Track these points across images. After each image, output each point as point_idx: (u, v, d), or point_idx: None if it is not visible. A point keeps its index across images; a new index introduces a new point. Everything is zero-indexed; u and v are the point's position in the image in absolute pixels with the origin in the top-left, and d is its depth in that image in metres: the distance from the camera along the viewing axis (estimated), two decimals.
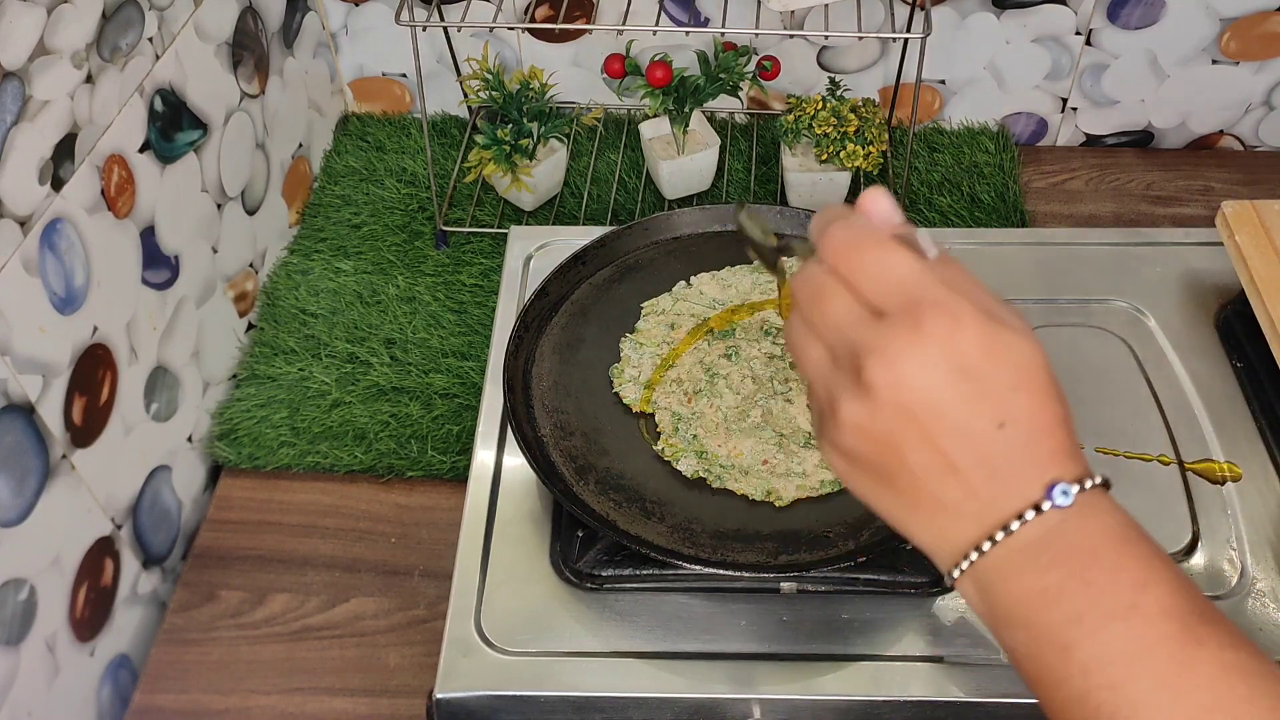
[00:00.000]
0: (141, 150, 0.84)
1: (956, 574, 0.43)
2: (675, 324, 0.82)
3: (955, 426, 0.41)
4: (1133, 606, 0.39)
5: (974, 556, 0.42)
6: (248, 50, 1.01)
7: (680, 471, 0.73)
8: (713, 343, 0.80)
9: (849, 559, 0.68)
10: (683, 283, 0.85)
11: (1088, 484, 0.42)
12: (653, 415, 0.77)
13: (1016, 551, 0.42)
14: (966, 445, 0.42)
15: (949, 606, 0.70)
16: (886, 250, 0.44)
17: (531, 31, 1.18)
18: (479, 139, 1.06)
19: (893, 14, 1.11)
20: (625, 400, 0.78)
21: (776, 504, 0.72)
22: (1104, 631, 0.39)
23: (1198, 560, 0.72)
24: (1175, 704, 0.39)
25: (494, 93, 1.07)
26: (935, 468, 0.42)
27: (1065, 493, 0.41)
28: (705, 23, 1.15)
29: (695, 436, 0.75)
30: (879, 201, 0.46)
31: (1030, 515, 0.41)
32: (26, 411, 0.72)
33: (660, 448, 0.75)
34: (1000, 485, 0.42)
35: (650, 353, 0.80)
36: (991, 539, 0.42)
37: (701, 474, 0.73)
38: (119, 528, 0.82)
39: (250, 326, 1.04)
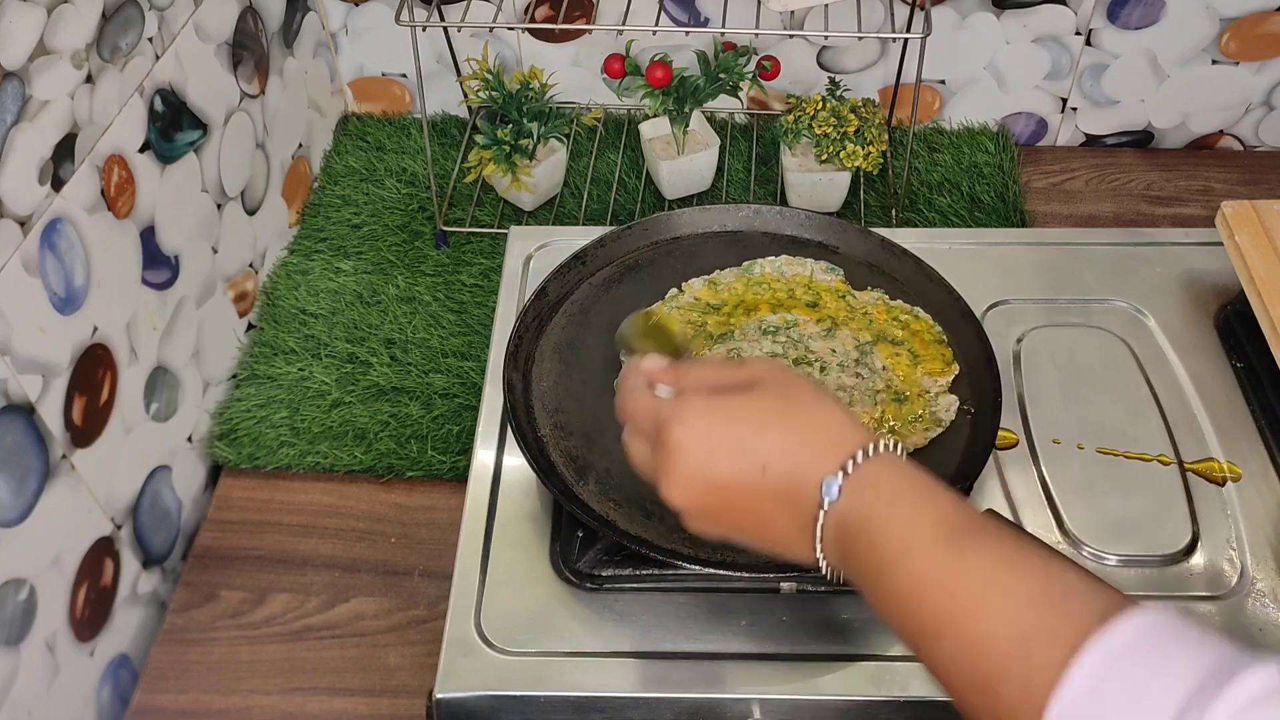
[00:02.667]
0: (141, 150, 0.84)
1: (825, 570, 0.54)
2: None
3: (738, 488, 0.54)
4: (906, 549, 0.49)
5: (820, 558, 0.54)
6: (248, 50, 1.01)
7: None
8: (713, 347, 0.80)
9: None
10: (674, 289, 0.85)
11: (850, 468, 0.52)
12: None
13: (833, 544, 0.53)
14: (754, 497, 0.54)
15: None
16: (637, 398, 0.59)
17: (531, 31, 1.18)
18: (479, 139, 1.06)
19: (893, 14, 1.11)
20: None
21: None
22: (894, 574, 0.50)
23: (1198, 560, 0.72)
24: (952, 604, 0.47)
25: (494, 93, 1.07)
26: (753, 523, 0.55)
27: (830, 486, 0.52)
28: (705, 23, 1.15)
29: None
30: (645, 361, 0.60)
31: (822, 516, 0.52)
32: (26, 411, 0.72)
33: None
34: (794, 505, 0.53)
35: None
36: (816, 544, 0.53)
37: None
38: (119, 528, 0.82)
39: (250, 326, 1.04)
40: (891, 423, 0.75)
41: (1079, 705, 0.41)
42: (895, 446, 0.54)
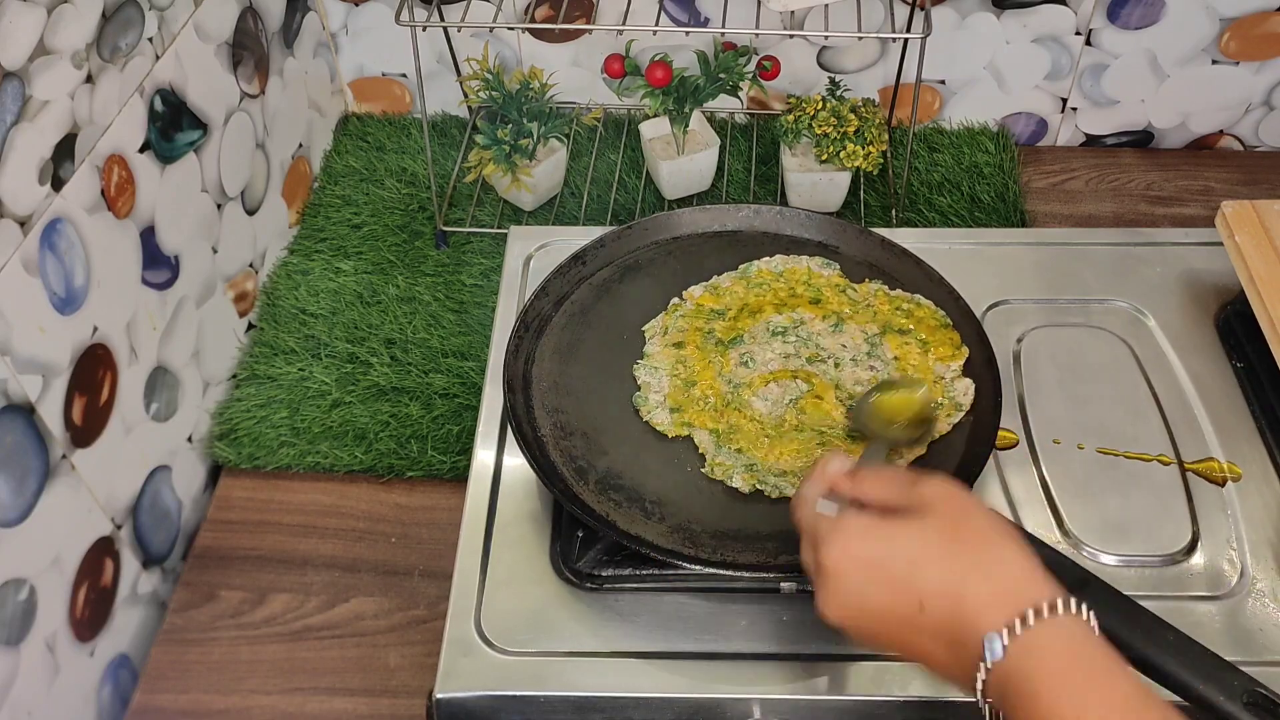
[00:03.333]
0: (141, 150, 0.84)
1: (987, 713, 0.51)
2: (681, 341, 0.81)
3: (892, 619, 0.53)
4: None
5: (982, 703, 0.50)
6: (248, 50, 1.01)
7: (737, 489, 0.72)
8: (725, 353, 0.80)
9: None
10: (676, 298, 0.85)
11: (1018, 626, 0.48)
12: (690, 438, 0.76)
13: (997, 694, 0.49)
14: (910, 630, 0.52)
15: None
16: (804, 509, 0.59)
17: (531, 31, 1.18)
18: (479, 139, 1.06)
19: (893, 14, 1.11)
20: (658, 427, 0.76)
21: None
22: None
23: (1198, 560, 0.72)
24: None
25: (494, 93, 1.07)
26: (911, 652, 0.54)
27: (991, 644, 0.49)
28: (705, 23, 1.15)
29: (740, 450, 0.74)
30: (830, 465, 0.60)
31: (982, 673, 0.49)
32: (26, 411, 0.72)
33: (708, 469, 0.74)
34: (954, 648, 0.51)
35: (666, 374, 0.79)
36: (978, 689, 0.50)
37: (757, 486, 0.72)
38: (119, 528, 0.82)
39: (250, 326, 1.04)
40: None
41: None
42: (1078, 607, 0.50)
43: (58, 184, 0.75)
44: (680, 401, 0.77)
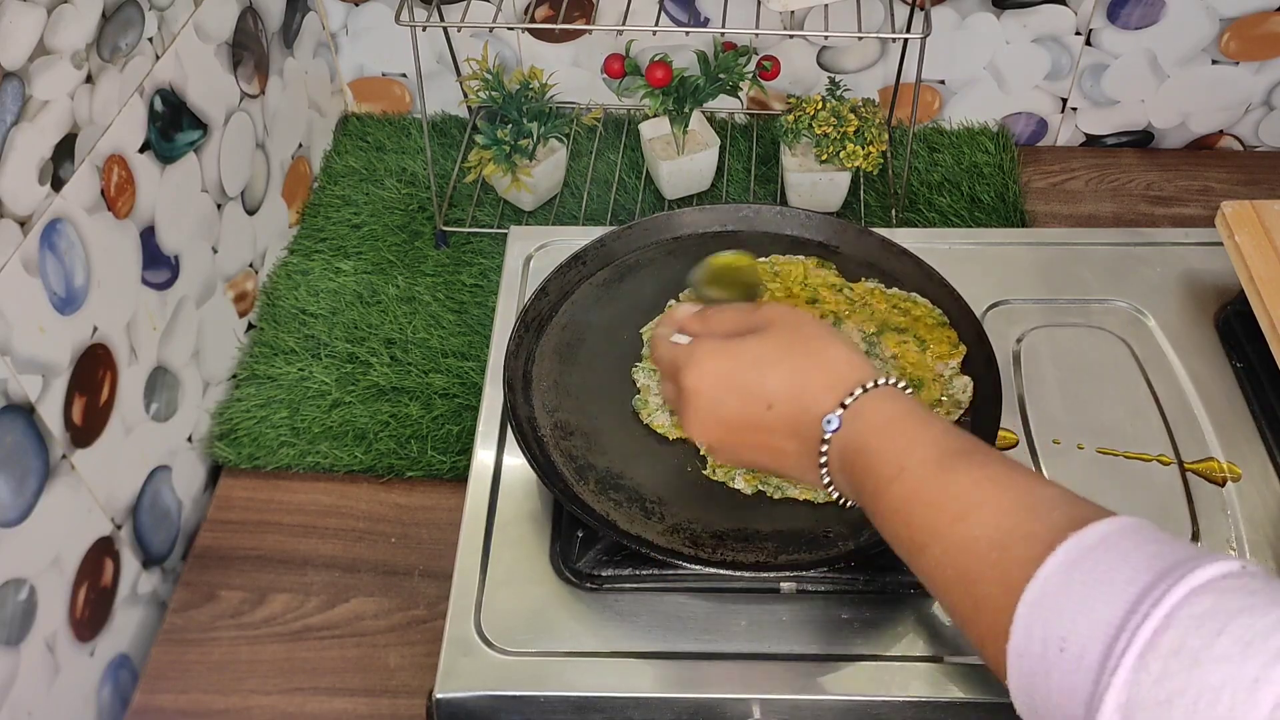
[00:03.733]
0: (141, 150, 0.84)
1: (835, 496, 0.60)
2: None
3: (747, 424, 0.59)
4: (900, 469, 0.53)
5: (827, 484, 0.58)
6: (248, 50, 1.01)
7: (739, 490, 0.72)
8: None
9: (849, 559, 0.68)
10: (673, 300, 0.85)
11: (848, 401, 0.56)
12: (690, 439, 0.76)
13: (838, 471, 0.57)
14: (764, 432, 0.59)
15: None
16: (661, 346, 0.65)
17: (531, 31, 1.18)
18: (479, 139, 1.06)
19: (892, 14, 1.11)
20: (659, 430, 0.76)
21: (846, 504, 0.71)
22: (889, 493, 0.53)
23: None
24: (939, 516, 0.51)
25: (494, 93, 1.07)
26: (768, 455, 0.60)
27: (830, 421, 0.56)
28: (705, 23, 1.15)
29: None
30: (679, 309, 0.66)
31: (825, 448, 0.57)
32: (26, 411, 0.72)
33: (709, 471, 0.74)
34: (800, 439, 0.58)
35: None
36: (822, 472, 0.58)
37: (760, 487, 0.72)
38: (119, 528, 0.82)
39: (250, 326, 1.04)
40: None
41: (1051, 590, 0.44)
42: (895, 382, 0.57)
43: (58, 184, 0.75)
44: None
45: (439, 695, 0.67)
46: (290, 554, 0.88)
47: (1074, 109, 1.20)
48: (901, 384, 0.58)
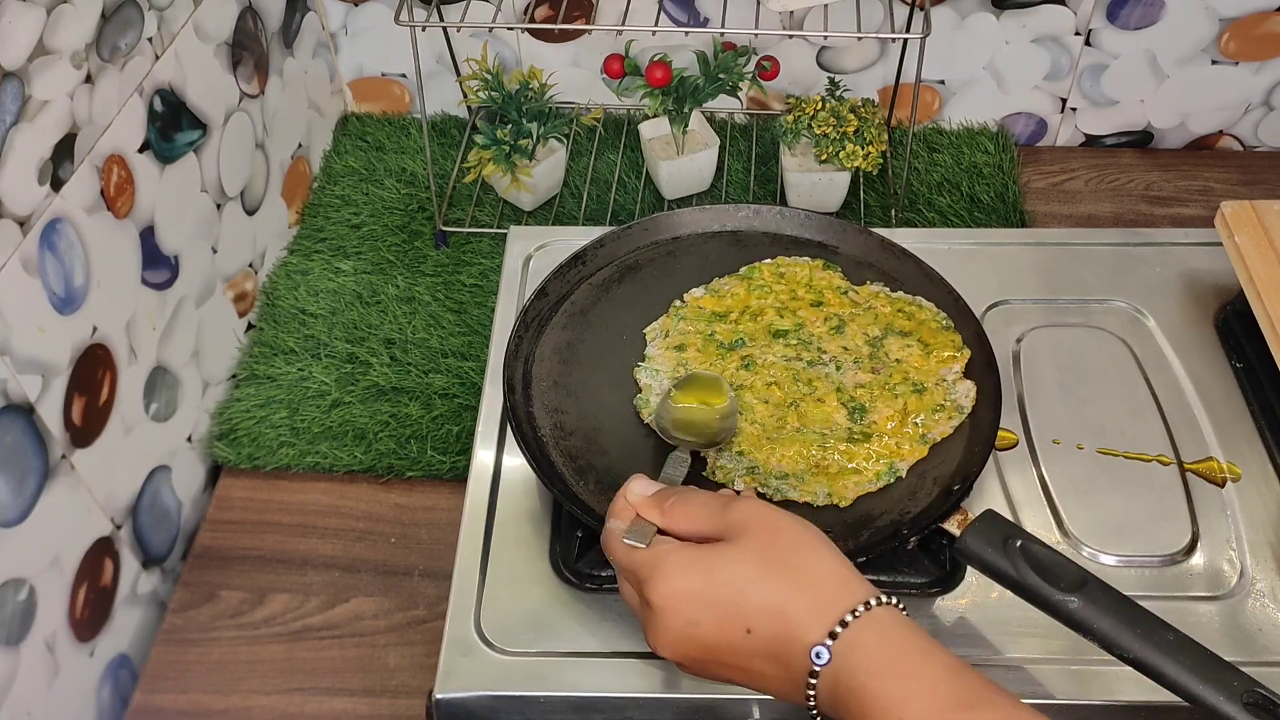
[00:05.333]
0: (141, 150, 0.84)
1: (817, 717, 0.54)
2: (683, 344, 0.81)
3: (724, 648, 0.54)
4: None
5: (814, 713, 0.53)
6: (247, 50, 1.01)
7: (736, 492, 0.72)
8: (726, 356, 0.80)
9: (848, 559, 0.68)
10: (677, 301, 0.85)
11: (839, 630, 0.51)
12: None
13: (827, 705, 0.52)
14: (742, 655, 0.54)
15: (949, 607, 0.70)
16: (615, 547, 0.59)
17: (531, 31, 1.18)
18: (478, 139, 1.06)
19: (892, 14, 1.11)
20: (660, 430, 0.76)
21: (840, 504, 0.71)
22: None
23: (1197, 561, 0.72)
24: None
25: (493, 93, 1.07)
26: (744, 677, 0.55)
27: (819, 655, 0.51)
28: (705, 23, 1.15)
29: (741, 454, 0.74)
30: (631, 490, 0.61)
31: (813, 681, 0.52)
32: (26, 411, 0.72)
33: (709, 472, 0.74)
34: (784, 666, 0.53)
35: (668, 377, 0.79)
36: (809, 704, 0.53)
37: (758, 489, 0.72)
38: (119, 528, 0.82)
39: (250, 326, 1.04)
40: (917, 416, 0.75)
41: None
42: (891, 600, 0.53)
43: (57, 184, 0.74)
44: None
45: (439, 695, 0.67)
46: (290, 554, 0.88)
47: (1074, 109, 1.20)
48: (896, 601, 0.53)
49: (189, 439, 0.93)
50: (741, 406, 0.76)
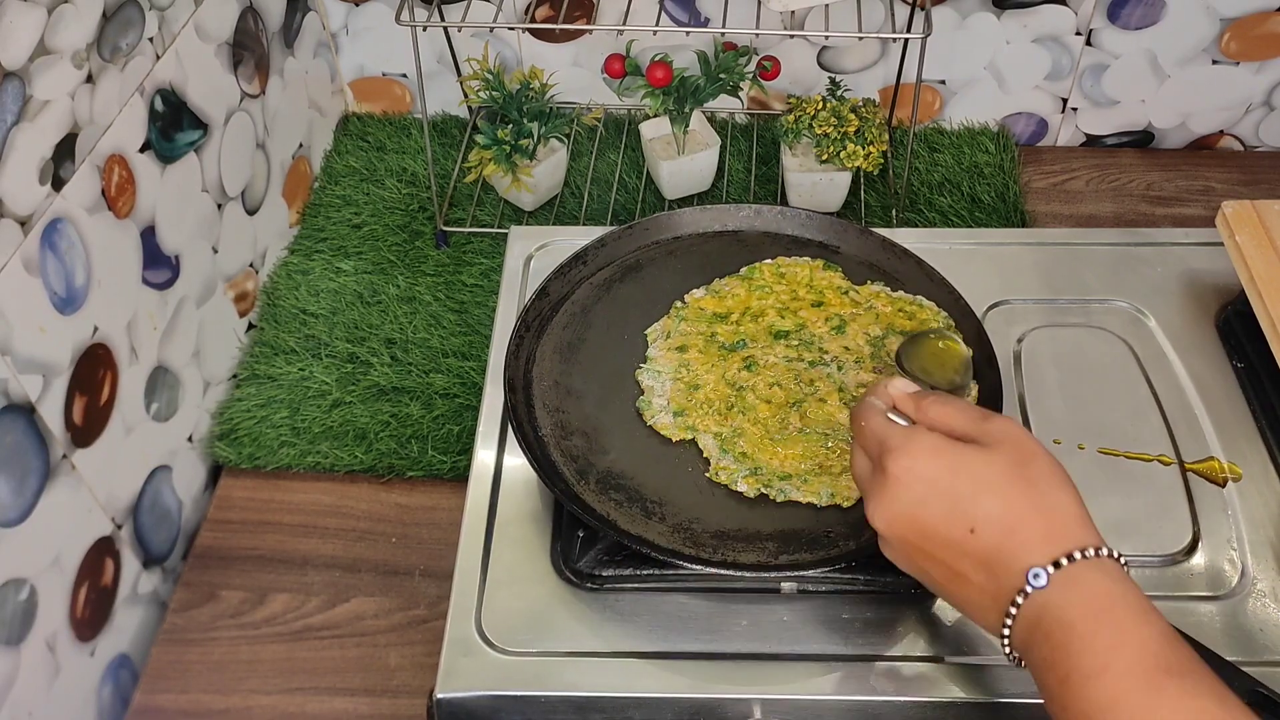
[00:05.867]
0: (142, 150, 0.84)
1: (1007, 650, 0.54)
2: (685, 345, 0.81)
3: (940, 538, 0.55)
4: (1104, 668, 0.48)
5: (1006, 633, 0.53)
6: (248, 50, 1.01)
7: (741, 493, 0.72)
8: (728, 356, 0.80)
9: (849, 559, 0.68)
10: (679, 302, 0.85)
11: (1064, 562, 0.51)
12: (694, 441, 0.75)
13: (1024, 629, 0.52)
14: (954, 552, 0.54)
15: (949, 607, 0.70)
16: (872, 415, 0.60)
17: (531, 31, 1.18)
18: (479, 139, 1.06)
19: (893, 14, 1.11)
20: (662, 431, 0.76)
21: (844, 505, 0.71)
22: (1084, 690, 0.48)
23: (1198, 560, 0.72)
24: None
25: (494, 93, 1.07)
26: (945, 575, 0.56)
27: (1037, 576, 0.51)
28: (705, 23, 1.15)
29: (744, 454, 0.74)
30: (894, 383, 0.62)
31: (1020, 600, 0.52)
32: (27, 411, 0.72)
33: (712, 473, 0.73)
34: (994, 578, 0.53)
35: (669, 378, 0.79)
36: (1005, 622, 0.53)
37: (762, 490, 0.72)
38: (119, 528, 0.82)
39: (250, 326, 1.04)
40: None
41: None
42: (1119, 557, 0.52)
43: (58, 184, 0.75)
44: (684, 405, 0.77)
45: (439, 695, 0.67)
46: (290, 554, 0.88)
47: (1074, 109, 1.20)
48: (1123, 559, 0.52)
49: (190, 439, 0.93)
50: (744, 407, 0.76)
